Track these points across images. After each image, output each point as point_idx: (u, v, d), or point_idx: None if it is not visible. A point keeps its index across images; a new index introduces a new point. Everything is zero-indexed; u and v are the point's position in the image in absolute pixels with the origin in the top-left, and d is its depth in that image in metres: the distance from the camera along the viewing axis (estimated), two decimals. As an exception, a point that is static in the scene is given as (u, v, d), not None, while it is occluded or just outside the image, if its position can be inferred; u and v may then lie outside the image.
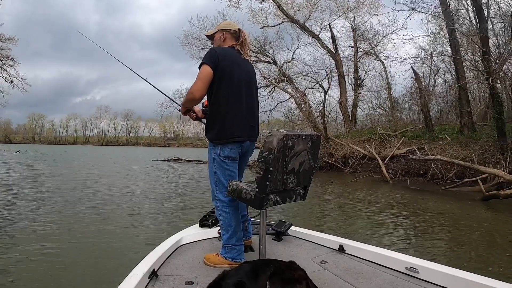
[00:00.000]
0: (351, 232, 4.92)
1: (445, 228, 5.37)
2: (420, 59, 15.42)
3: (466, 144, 11.09)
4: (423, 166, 11.08)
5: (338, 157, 14.36)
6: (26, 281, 3.09)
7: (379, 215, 6.23)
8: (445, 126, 14.73)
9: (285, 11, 18.10)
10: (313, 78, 18.91)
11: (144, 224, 5.35)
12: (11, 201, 6.94)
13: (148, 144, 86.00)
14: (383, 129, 14.73)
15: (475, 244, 4.51)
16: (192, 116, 2.30)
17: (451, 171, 10.06)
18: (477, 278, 1.56)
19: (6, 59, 24.56)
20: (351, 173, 13.19)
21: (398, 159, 12.17)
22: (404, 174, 11.49)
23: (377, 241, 4.49)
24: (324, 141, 15.43)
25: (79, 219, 5.48)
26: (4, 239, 4.33)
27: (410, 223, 5.67)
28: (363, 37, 19.35)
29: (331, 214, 6.56)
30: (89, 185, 9.86)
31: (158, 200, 7.89)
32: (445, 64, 18.35)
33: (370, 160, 12.94)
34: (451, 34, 12.07)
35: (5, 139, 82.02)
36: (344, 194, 8.89)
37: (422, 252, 4.01)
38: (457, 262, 3.63)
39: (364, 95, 20.52)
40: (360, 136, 16.04)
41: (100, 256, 3.78)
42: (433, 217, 6.11)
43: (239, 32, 2.22)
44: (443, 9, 12.01)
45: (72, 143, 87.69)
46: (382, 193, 9.09)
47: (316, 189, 9.56)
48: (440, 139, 12.43)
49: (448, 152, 11.02)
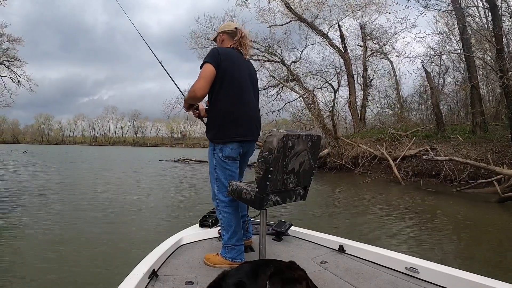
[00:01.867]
0: (366, 236, 4.78)
1: (464, 231, 5.26)
2: (430, 57, 15.30)
3: (479, 144, 10.92)
4: (435, 167, 10.94)
5: (348, 158, 14.25)
6: (25, 280, 3.14)
7: (395, 218, 6.11)
8: (457, 126, 14.54)
9: (293, 9, 18.08)
10: (322, 77, 18.91)
11: (146, 224, 5.42)
12: (11, 202, 7.05)
13: (155, 144, 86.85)
14: (394, 129, 14.58)
15: (493, 247, 4.40)
16: (195, 114, 2.33)
17: (464, 172, 9.91)
18: (477, 278, 1.57)
19: (13, 60, 25.06)
20: (361, 174, 13.07)
21: (410, 160, 12.02)
22: (416, 175, 11.35)
23: (390, 245, 4.39)
24: (333, 141, 15.37)
25: (80, 219, 5.55)
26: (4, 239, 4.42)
27: (429, 227, 5.49)
28: (371, 36, 19.28)
29: (344, 217, 6.45)
30: (94, 185, 9.97)
31: (164, 200, 7.97)
32: (454, 63, 18.25)
33: (381, 160, 12.81)
34: (463, 32, 11.92)
35: (12, 139, 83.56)
36: (356, 196, 8.73)
37: (442, 259, 3.90)
38: (476, 267, 3.55)
39: (373, 94, 20.47)
40: (370, 136, 15.91)
41: (100, 255, 3.82)
42: (451, 220, 6.00)
43: (236, 31, 2.25)
44: (454, 6, 11.86)
45: (80, 143, 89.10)
46: (395, 195, 8.96)
47: (329, 191, 9.50)
48: (451, 139, 12.26)
49: (460, 152, 10.86)
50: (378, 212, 6.65)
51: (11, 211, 6.07)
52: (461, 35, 12.13)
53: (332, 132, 15.67)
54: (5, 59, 24.77)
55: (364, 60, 19.48)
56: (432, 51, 15.86)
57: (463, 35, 11.95)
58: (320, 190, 9.75)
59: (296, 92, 17.91)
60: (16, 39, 24.40)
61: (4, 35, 23.66)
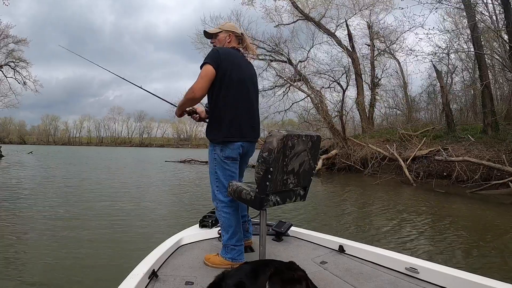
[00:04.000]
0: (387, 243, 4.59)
1: (486, 235, 5.11)
2: (443, 53, 15.18)
3: (491, 145, 10.78)
4: (447, 168, 10.84)
5: (357, 158, 14.19)
6: (25, 280, 3.18)
7: (411, 221, 5.95)
8: (467, 126, 14.39)
9: (300, 8, 18.08)
10: (331, 76, 18.86)
11: (146, 224, 5.46)
12: (13, 201, 7.14)
13: (161, 145, 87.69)
14: (404, 129, 14.48)
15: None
16: (195, 118, 2.37)
17: (476, 172, 9.78)
18: (477, 278, 1.58)
19: (19, 61, 25.38)
20: (370, 175, 13.01)
21: (420, 160, 11.94)
22: (426, 176, 11.26)
23: (404, 249, 4.27)
24: (342, 142, 15.31)
25: (82, 219, 5.63)
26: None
27: (447, 231, 5.30)
28: (378, 36, 19.23)
29: (358, 219, 6.31)
30: (98, 186, 10.06)
31: (165, 200, 8.05)
32: (462, 62, 18.10)
33: (390, 161, 12.71)
34: (474, 30, 11.79)
35: (19, 140, 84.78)
36: (368, 197, 8.62)
37: (466, 264, 3.79)
38: (496, 275, 3.46)
39: (381, 94, 20.39)
40: (379, 136, 15.84)
41: (99, 256, 3.86)
42: (470, 223, 5.86)
43: (242, 37, 2.31)
44: (464, 2, 11.73)
45: (86, 144, 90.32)
46: (408, 197, 8.83)
47: (343, 193, 9.44)
48: (462, 139, 12.12)
49: (473, 153, 10.73)
50: (393, 215, 6.52)
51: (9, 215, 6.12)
52: (472, 33, 12.00)
53: (341, 132, 15.62)
54: (10, 60, 25.11)
55: (372, 59, 19.41)
56: (441, 50, 15.77)
57: (474, 32, 11.82)
58: (337, 192, 9.73)
59: (304, 91, 17.90)
60: (21, 40, 24.72)
61: (10, 36, 23.98)
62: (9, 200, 7.27)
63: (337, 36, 18.83)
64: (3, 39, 23.65)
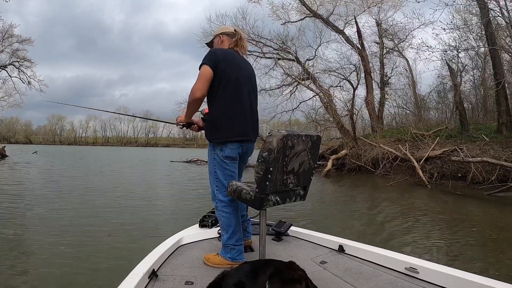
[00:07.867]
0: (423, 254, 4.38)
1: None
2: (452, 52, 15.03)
3: (507, 144, 10.63)
4: (461, 169, 10.68)
5: (368, 159, 14.05)
6: (24, 279, 3.24)
7: (435, 227, 5.76)
8: (481, 125, 14.18)
9: (308, 5, 17.98)
10: (341, 74, 18.75)
11: (146, 224, 5.54)
12: (13, 202, 7.28)
13: (166, 145, 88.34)
14: (417, 128, 14.32)
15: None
16: (194, 128, 2.42)
17: (492, 174, 9.59)
18: (477, 278, 1.60)
19: (23, 60, 25.53)
20: (382, 176, 12.90)
21: (434, 161, 11.78)
22: (440, 177, 11.14)
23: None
24: (352, 142, 15.22)
25: (81, 219, 5.72)
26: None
27: (471, 236, 5.11)
28: (387, 34, 19.14)
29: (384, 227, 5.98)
30: (102, 186, 10.20)
31: (166, 200, 8.14)
32: (472, 61, 17.90)
33: (403, 162, 12.57)
34: (487, 26, 11.63)
35: (25, 140, 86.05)
36: (382, 200, 8.42)
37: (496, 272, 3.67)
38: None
39: (390, 93, 20.26)
40: (390, 136, 15.71)
41: (99, 255, 3.91)
42: (498, 231, 5.59)
43: (236, 33, 2.35)
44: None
45: (92, 143, 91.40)
46: (424, 199, 8.63)
47: (357, 194, 9.40)
48: (477, 139, 11.95)
49: (488, 153, 10.57)
50: (416, 220, 6.26)
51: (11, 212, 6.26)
52: (486, 29, 11.83)
53: (351, 132, 15.52)
54: (15, 60, 25.27)
55: (381, 58, 19.29)
56: (451, 48, 15.63)
57: (487, 29, 11.65)
58: (352, 194, 9.67)
59: (312, 90, 17.86)
60: (26, 39, 24.79)
61: (14, 35, 24.10)
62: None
63: (346, 33, 18.75)
64: (7, 39, 23.86)
